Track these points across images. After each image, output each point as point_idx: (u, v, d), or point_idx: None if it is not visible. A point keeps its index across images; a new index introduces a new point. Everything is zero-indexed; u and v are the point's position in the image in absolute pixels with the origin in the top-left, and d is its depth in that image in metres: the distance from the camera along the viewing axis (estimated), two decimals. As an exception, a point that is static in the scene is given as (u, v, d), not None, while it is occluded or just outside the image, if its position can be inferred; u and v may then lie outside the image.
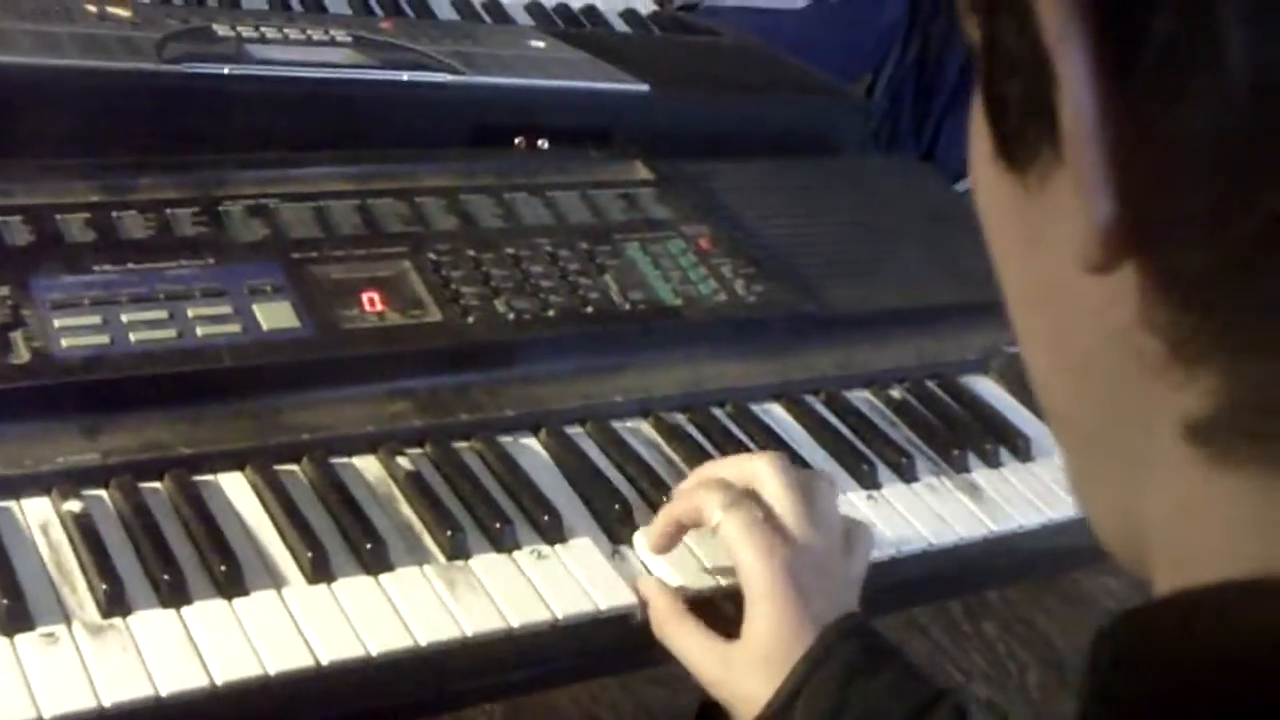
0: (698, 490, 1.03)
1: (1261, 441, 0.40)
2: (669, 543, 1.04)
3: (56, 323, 1.05)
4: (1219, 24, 0.36)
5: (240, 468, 1.04)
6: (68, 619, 0.90)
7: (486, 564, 1.01)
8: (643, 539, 1.05)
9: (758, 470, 1.03)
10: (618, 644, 1.02)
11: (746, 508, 1.00)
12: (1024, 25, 0.40)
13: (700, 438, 1.18)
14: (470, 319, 1.17)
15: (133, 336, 1.06)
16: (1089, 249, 0.40)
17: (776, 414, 1.24)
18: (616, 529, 1.07)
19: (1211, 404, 0.40)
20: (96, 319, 1.06)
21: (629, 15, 1.90)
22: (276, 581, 0.96)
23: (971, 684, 2.53)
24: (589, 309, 1.22)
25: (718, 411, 1.22)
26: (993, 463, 1.24)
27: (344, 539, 1.00)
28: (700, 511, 1.01)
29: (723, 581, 1.03)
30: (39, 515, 0.97)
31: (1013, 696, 2.55)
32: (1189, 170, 0.38)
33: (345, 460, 1.07)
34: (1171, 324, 0.40)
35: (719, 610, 1.02)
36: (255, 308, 1.11)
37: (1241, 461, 0.40)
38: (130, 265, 1.12)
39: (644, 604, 1.01)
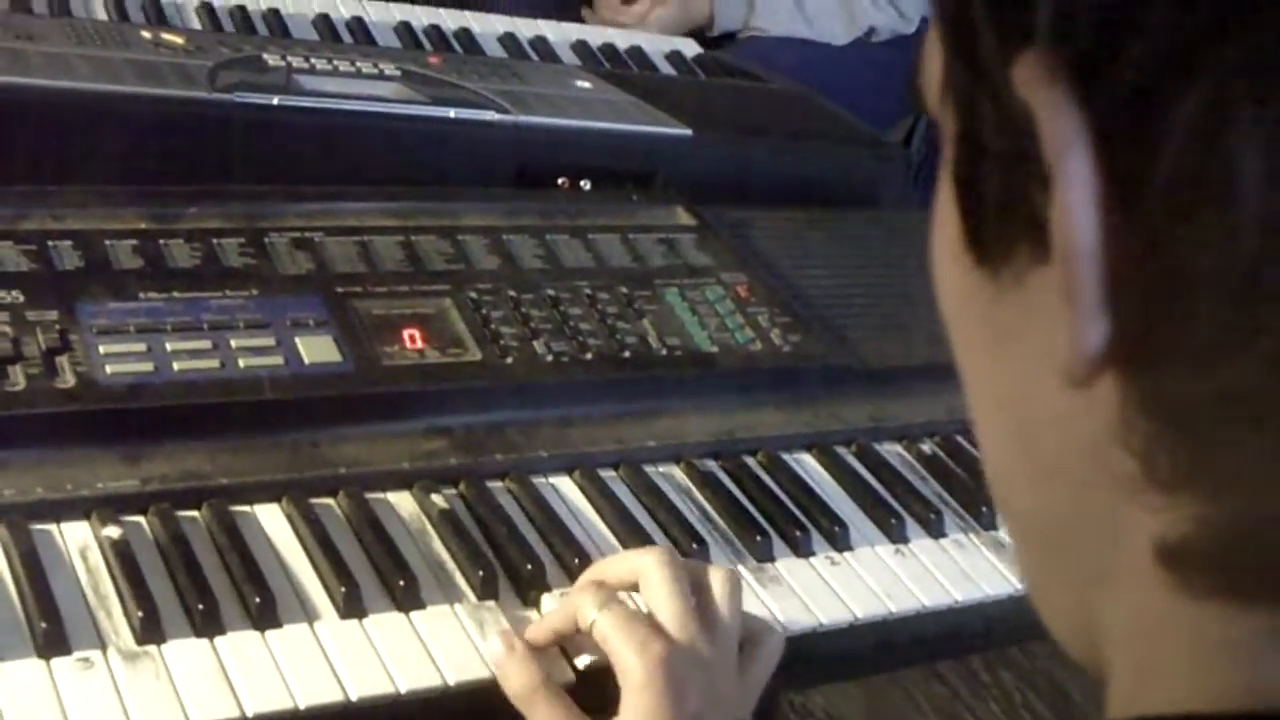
0: (575, 596, 0.98)
1: (1233, 573, 0.39)
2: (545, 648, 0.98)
3: (102, 349, 1.06)
4: (1233, 156, 0.35)
5: (277, 500, 1.05)
6: (103, 645, 0.91)
7: (517, 605, 1.02)
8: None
9: (642, 567, 0.98)
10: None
11: (622, 605, 0.95)
12: (1005, 119, 0.39)
13: (731, 486, 1.19)
14: (509, 359, 1.18)
15: (176, 365, 1.07)
16: (1072, 364, 0.38)
17: (808, 464, 1.25)
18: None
19: (1186, 531, 0.39)
20: (141, 346, 1.08)
21: (674, 57, 1.92)
22: (309, 615, 0.97)
23: (988, 734, 2.53)
24: (626, 353, 1.23)
25: (750, 460, 1.23)
26: (1020, 521, 1.25)
27: (377, 575, 1.01)
28: (576, 614, 0.96)
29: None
30: (78, 540, 0.98)
31: (1028, 749, 2.54)
32: (1191, 299, 0.37)
33: (380, 496, 1.08)
34: (1151, 447, 0.39)
35: (602, 688, 0.96)
36: (297, 340, 1.12)
37: (1210, 590, 0.39)
38: (175, 294, 1.13)
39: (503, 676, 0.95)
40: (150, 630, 0.92)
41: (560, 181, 1.46)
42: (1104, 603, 0.43)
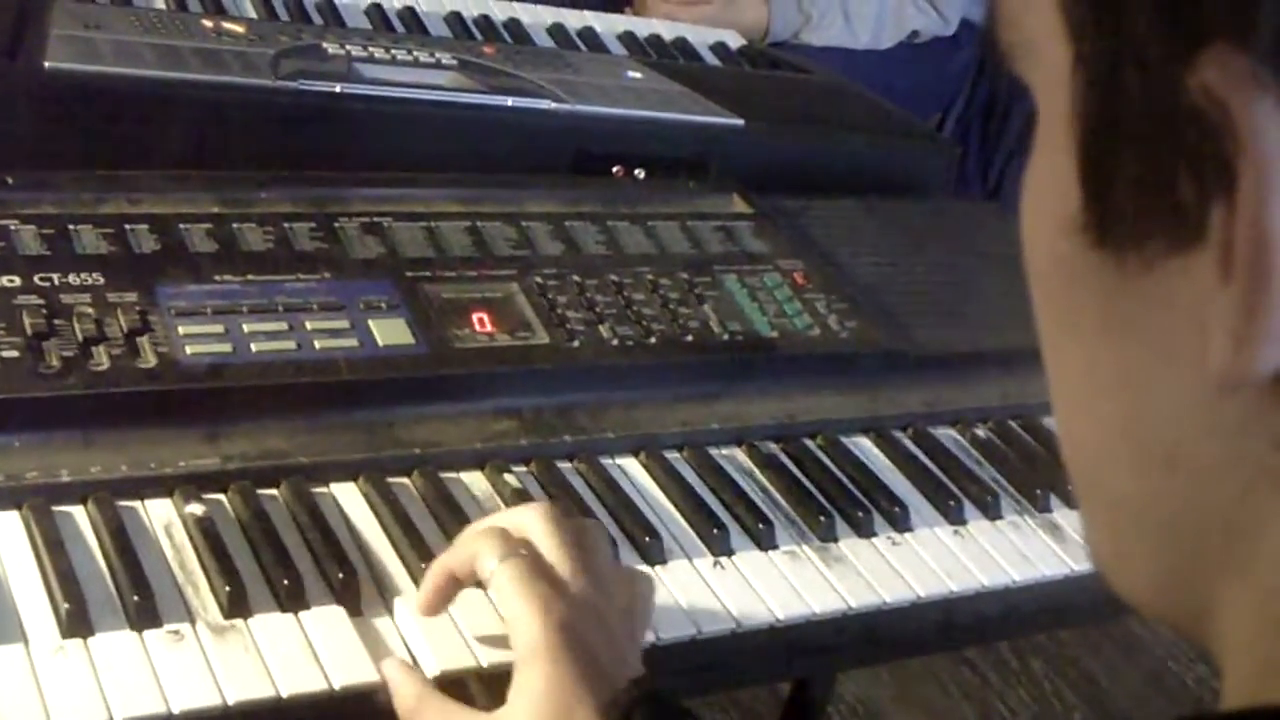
0: (473, 539, 0.94)
1: None
2: (442, 599, 0.95)
3: (181, 330, 1.08)
4: None
5: (354, 478, 1.07)
6: (192, 618, 0.93)
7: (590, 582, 1.04)
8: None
9: (527, 522, 0.95)
10: (727, 658, 1.06)
11: (524, 559, 0.90)
12: (1165, 107, 0.36)
13: (793, 468, 1.21)
14: (575, 343, 1.20)
15: (254, 346, 1.09)
16: (1236, 375, 0.36)
17: (866, 447, 1.27)
18: (716, 551, 1.10)
19: None
20: (219, 328, 1.10)
21: (719, 48, 1.94)
22: (389, 590, 0.99)
23: (1019, 721, 2.55)
24: (688, 338, 1.25)
25: (809, 443, 1.25)
26: (1074, 503, 1.26)
27: (454, 552, 1.03)
28: (475, 560, 0.92)
29: (483, 660, 0.95)
30: (162, 516, 1.00)
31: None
32: None
33: (454, 475, 1.10)
34: None
35: (468, 692, 0.94)
36: (371, 323, 1.14)
37: None
38: (250, 276, 1.15)
39: (388, 687, 0.92)
40: (237, 605, 0.94)
41: (614, 170, 1.48)
42: (1225, 591, 0.41)
